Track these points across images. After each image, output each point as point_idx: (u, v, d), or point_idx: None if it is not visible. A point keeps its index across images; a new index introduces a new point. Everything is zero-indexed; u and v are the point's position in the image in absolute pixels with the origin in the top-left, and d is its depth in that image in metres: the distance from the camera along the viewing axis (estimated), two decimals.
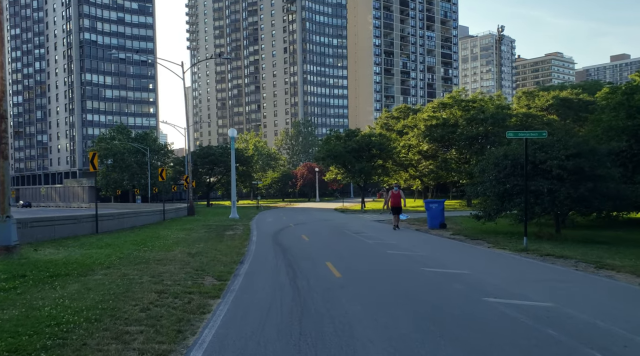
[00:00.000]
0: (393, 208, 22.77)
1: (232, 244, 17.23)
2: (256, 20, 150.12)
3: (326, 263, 12.49)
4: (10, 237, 12.35)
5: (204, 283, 9.82)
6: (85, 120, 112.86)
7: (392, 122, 62.04)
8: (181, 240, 18.38)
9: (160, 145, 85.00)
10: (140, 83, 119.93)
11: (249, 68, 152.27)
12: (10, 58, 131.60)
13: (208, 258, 13.45)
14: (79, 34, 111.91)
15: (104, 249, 14.52)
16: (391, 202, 22.71)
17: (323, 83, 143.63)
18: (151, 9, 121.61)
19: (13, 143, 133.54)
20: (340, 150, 47.64)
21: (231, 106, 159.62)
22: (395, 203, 22.71)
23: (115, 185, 79.96)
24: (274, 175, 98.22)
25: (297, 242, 18.22)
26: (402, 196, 22.87)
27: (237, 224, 28.72)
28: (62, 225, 17.79)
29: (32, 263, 11.26)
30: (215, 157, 73.04)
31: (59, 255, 12.69)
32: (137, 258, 13.01)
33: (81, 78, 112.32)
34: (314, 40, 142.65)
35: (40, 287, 8.73)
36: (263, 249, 16.04)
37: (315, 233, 22.40)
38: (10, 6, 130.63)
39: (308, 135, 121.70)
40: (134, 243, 16.38)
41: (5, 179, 12.43)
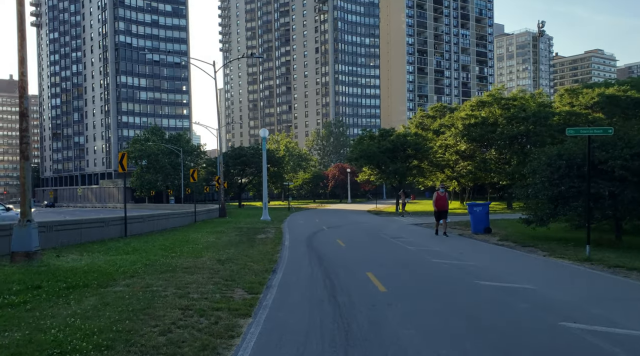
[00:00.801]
0: (438, 212, 20.56)
1: (263, 249, 16.26)
2: (288, 21, 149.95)
3: (367, 274, 11.33)
4: (30, 243, 11.64)
5: (233, 297, 8.81)
6: (120, 121, 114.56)
7: (428, 121, 60.29)
8: (211, 244, 17.52)
9: (193, 146, 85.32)
10: (174, 85, 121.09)
11: (280, 69, 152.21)
12: (48, 61, 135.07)
13: (238, 266, 12.48)
14: (114, 36, 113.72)
15: (130, 255, 13.73)
16: (436, 204, 20.47)
17: (355, 83, 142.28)
18: (184, 11, 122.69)
19: (51, 145, 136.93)
20: (374, 150, 46.32)
21: (262, 107, 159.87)
22: (441, 206, 20.47)
23: (150, 186, 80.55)
24: (305, 176, 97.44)
25: (332, 248, 17.11)
26: (448, 198, 20.95)
27: (268, 227, 27.83)
28: (88, 228, 17.16)
29: (51, 271, 10.48)
30: (246, 157, 72.67)
31: (81, 262, 11.92)
32: (164, 266, 12.13)
33: (116, 80, 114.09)
34: (345, 39, 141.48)
35: (54, 302, 7.86)
36: (297, 255, 15.00)
37: (350, 237, 21.25)
38: (49, 11, 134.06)
39: (339, 136, 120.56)
40: (162, 248, 15.58)
41: (26, 181, 11.73)
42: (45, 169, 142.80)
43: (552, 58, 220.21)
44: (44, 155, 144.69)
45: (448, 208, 20.67)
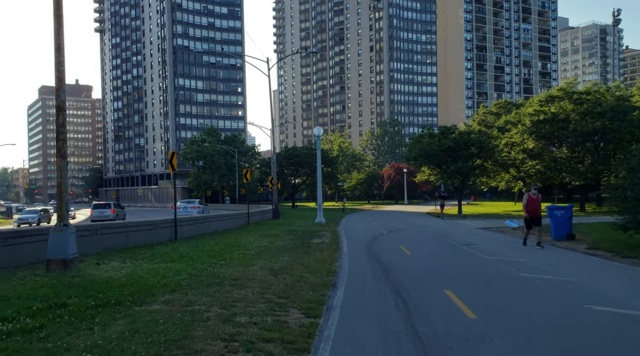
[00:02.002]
0: (531, 219, 16.92)
1: (320, 257, 14.67)
2: (342, 20, 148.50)
3: (446, 292, 9.51)
4: (67, 249, 10.57)
5: (287, 322, 7.26)
6: (178, 123, 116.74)
7: (491, 118, 57.00)
8: (263, 250, 16.12)
9: (248, 147, 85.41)
10: (229, 87, 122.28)
11: (334, 68, 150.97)
12: (111, 66, 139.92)
13: (293, 278, 10.94)
14: (173, 40, 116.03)
15: (176, 263, 12.49)
16: (528, 209, 16.88)
17: (410, 81, 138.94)
18: (240, 13, 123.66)
19: (114, 147, 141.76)
20: (435, 149, 43.90)
21: (316, 107, 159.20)
22: (534, 210, 16.81)
23: (206, 186, 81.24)
24: (359, 176, 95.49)
25: (397, 257, 15.30)
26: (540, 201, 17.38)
27: (323, 230, 26.30)
28: (136, 232, 16.19)
29: (85, 284, 9.32)
30: (300, 158, 71.71)
31: (120, 272, 10.74)
32: (211, 277, 10.77)
33: (174, 83, 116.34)
34: (401, 37, 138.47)
35: (75, 327, 6.56)
36: (358, 266, 13.32)
37: (415, 243, 19.35)
38: (111, 17, 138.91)
39: (395, 135, 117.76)
40: (210, 254, 14.31)
41: (63, 181, 10.67)
42: (108, 170, 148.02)
43: (621, 51, 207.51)
44: (107, 156, 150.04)
45: (540, 213, 17.14)
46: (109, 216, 39.06)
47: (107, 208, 40.96)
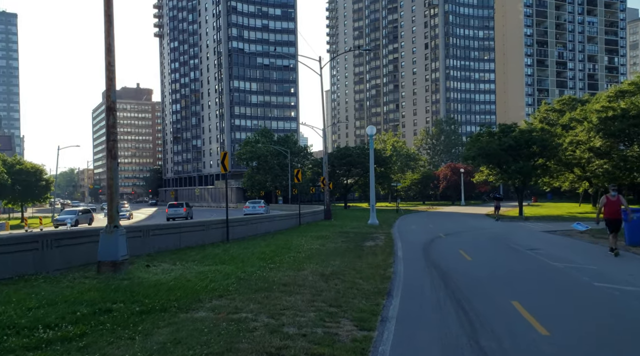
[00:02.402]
0: (610, 221, 15.18)
1: (373, 262, 14.02)
2: (396, 18, 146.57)
3: (512, 303, 8.67)
4: (117, 251, 10.48)
5: (339, 335, 6.71)
6: (233, 125, 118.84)
7: (554, 115, 54.20)
8: (314, 253, 15.65)
9: (300, 148, 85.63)
10: (282, 88, 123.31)
11: (387, 67, 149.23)
12: (169, 69, 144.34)
13: (345, 285, 10.38)
14: (228, 42, 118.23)
15: (226, 265, 12.21)
16: (608, 211, 15.23)
17: (467, 78, 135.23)
18: (293, 14, 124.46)
19: (172, 148, 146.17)
20: (495, 148, 42.11)
21: (369, 107, 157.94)
22: (613, 212, 15.13)
23: (259, 186, 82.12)
24: (413, 176, 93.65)
25: (457, 262, 14.42)
26: (622, 203, 15.42)
27: (377, 232, 25.57)
28: (189, 232, 16.12)
29: (132, 287, 9.13)
30: (352, 158, 71.05)
31: (170, 274, 10.54)
32: (260, 281, 10.38)
33: (229, 85, 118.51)
34: (457, 33, 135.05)
35: (117, 335, 6.28)
36: (414, 272, 12.58)
37: (476, 248, 18.32)
38: (169, 21, 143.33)
39: (451, 134, 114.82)
40: (261, 257, 13.97)
41: (114, 182, 10.58)
42: (167, 171, 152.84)
43: None
44: (166, 157, 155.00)
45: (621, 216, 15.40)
46: (182, 214, 44.86)
47: (180, 207, 46.92)
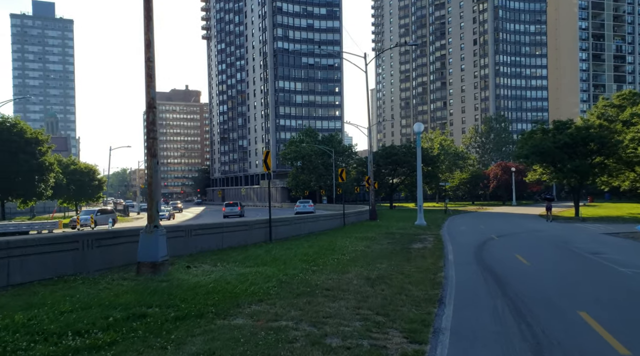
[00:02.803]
0: None
1: (422, 265, 13.25)
2: (443, 14, 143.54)
3: (580, 315, 7.77)
4: (157, 252, 10.18)
5: (387, 348, 6.08)
6: (278, 125, 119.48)
7: (612, 111, 51.18)
8: (359, 255, 15.00)
9: (345, 147, 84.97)
10: (327, 87, 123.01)
11: (434, 64, 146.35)
12: (217, 71, 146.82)
13: (392, 290, 9.70)
14: (273, 43, 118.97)
15: (268, 267, 11.76)
16: None
17: (518, 74, 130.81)
18: (338, 12, 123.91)
19: (219, 149, 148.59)
20: (549, 146, 40.11)
21: (415, 105, 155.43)
22: None
23: (304, 186, 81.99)
24: (462, 175, 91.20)
25: (513, 267, 13.44)
26: None
27: (425, 233, 24.62)
28: (231, 232, 15.81)
29: (171, 289, 8.79)
30: (398, 156, 69.74)
31: (209, 277, 10.17)
32: (302, 285, 9.85)
33: (275, 85, 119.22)
34: (507, 28, 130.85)
35: (148, 344, 5.88)
36: (467, 277, 11.73)
37: (532, 251, 17.18)
38: (217, 23, 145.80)
39: (501, 132, 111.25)
40: (303, 259, 13.45)
41: (153, 181, 10.30)
42: (215, 171, 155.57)
43: None
44: (214, 157, 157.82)
45: None
46: (237, 212, 50.74)
47: (235, 206, 53.57)
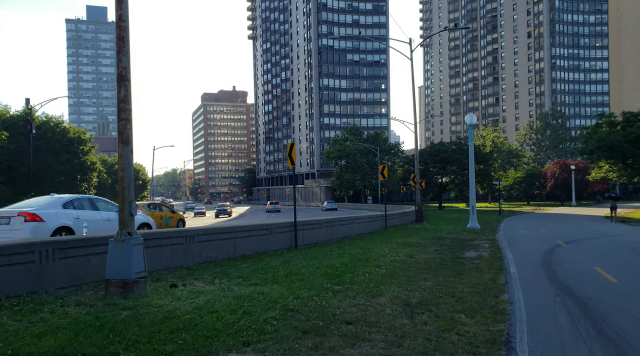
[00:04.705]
0: None
1: (478, 282, 10.39)
2: (495, 7, 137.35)
3: None
4: (129, 267, 7.87)
5: None
6: (322, 123, 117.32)
7: None
8: (399, 267, 12.27)
9: (391, 145, 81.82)
10: (373, 84, 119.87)
11: (486, 58, 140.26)
12: (262, 71, 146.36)
13: (439, 324, 7.01)
14: (318, 40, 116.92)
15: (276, 286, 9.27)
16: None
17: (576, 67, 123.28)
18: (385, 7, 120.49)
19: (265, 148, 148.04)
20: (618, 140, 35.93)
21: (465, 101, 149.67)
22: None
23: (348, 185, 79.48)
24: (516, 174, 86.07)
25: (597, 286, 10.38)
26: None
27: (479, 238, 21.54)
28: (246, 237, 13.44)
29: (129, 323, 6.44)
30: (447, 154, 65.96)
31: (194, 301, 7.74)
32: (315, 314, 7.29)
33: (319, 83, 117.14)
34: (564, 19, 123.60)
35: None
36: (540, 301, 8.85)
37: (613, 262, 13.93)
38: (262, 23, 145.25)
39: (558, 128, 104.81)
40: (326, 273, 10.86)
41: (126, 175, 8.00)
42: (260, 170, 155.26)
43: None
44: (259, 157, 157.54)
45: None
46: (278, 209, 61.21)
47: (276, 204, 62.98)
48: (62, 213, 12.73)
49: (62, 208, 12.96)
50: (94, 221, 13.36)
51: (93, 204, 14.09)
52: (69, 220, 12.75)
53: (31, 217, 12.05)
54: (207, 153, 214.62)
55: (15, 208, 12.62)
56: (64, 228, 12.50)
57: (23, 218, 11.96)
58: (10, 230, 11.82)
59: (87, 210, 13.69)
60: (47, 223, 12.19)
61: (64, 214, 12.77)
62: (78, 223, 12.94)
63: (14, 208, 12.76)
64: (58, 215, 12.58)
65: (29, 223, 11.95)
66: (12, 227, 11.96)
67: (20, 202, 14.18)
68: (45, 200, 13.38)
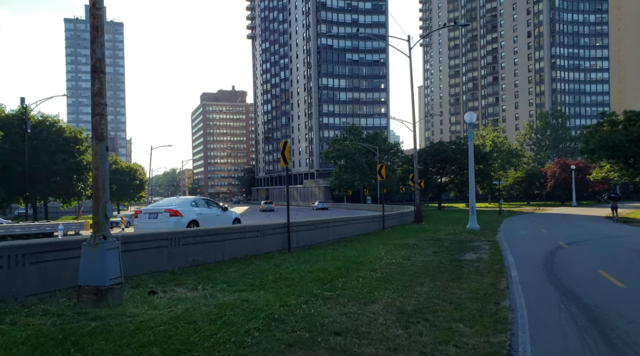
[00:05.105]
0: None
1: (478, 287, 9.86)
2: (495, 6, 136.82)
3: None
4: (104, 273, 7.34)
5: None
6: (322, 123, 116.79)
7: None
8: (395, 271, 11.73)
9: (390, 145, 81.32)
10: (372, 83, 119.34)
11: (485, 58, 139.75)
12: (261, 70, 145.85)
13: (436, 334, 6.50)
14: (317, 40, 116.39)
15: (263, 292, 8.74)
16: None
17: (576, 67, 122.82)
18: (384, 7, 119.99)
19: (264, 148, 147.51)
20: (620, 139, 35.40)
21: (465, 101, 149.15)
22: None
23: (347, 185, 78.97)
24: (516, 174, 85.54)
25: (603, 291, 9.86)
26: None
27: (478, 239, 21.00)
28: (236, 240, 12.89)
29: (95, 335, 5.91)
30: (447, 154, 65.41)
31: (172, 309, 7.21)
32: (300, 324, 6.77)
33: (318, 83, 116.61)
34: (564, 19, 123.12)
35: None
36: (543, 308, 8.32)
37: (618, 265, 13.41)
38: (261, 22, 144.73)
39: (558, 128, 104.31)
40: (318, 277, 10.32)
41: (100, 173, 7.48)
42: (259, 170, 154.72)
43: None
44: (258, 157, 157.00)
45: None
46: (272, 208, 66.35)
47: (270, 204, 68.64)
48: (192, 210, 16.51)
49: (190, 206, 16.77)
50: (209, 215, 16.85)
51: (207, 203, 17.87)
52: (195, 215, 16.29)
53: (174, 212, 15.97)
54: (206, 153, 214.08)
55: (159, 207, 16.69)
56: (193, 221, 16.02)
57: (168, 213, 15.93)
58: (159, 223, 15.71)
59: (204, 207, 17.18)
60: (184, 217, 15.91)
61: (193, 211, 16.51)
62: (201, 218, 16.36)
63: (158, 207, 16.85)
64: (190, 211, 16.37)
65: (173, 217, 15.81)
66: (159, 220, 15.85)
67: (159, 202, 18.83)
68: (177, 200, 17.50)
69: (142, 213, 16.59)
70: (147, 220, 16.16)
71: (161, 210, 16.05)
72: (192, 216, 16.00)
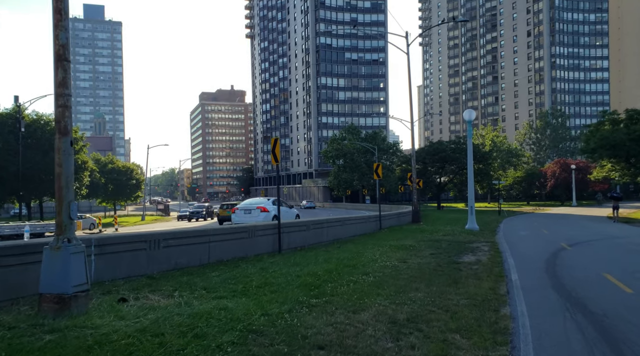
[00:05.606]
0: None
1: (476, 293, 9.24)
2: (494, 5, 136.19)
3: None
4: (67, 279, 6.70)
5: None
6: (320, 122, 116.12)
7: None
8: (389, 274, 11.10)
9: (389, 144, 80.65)
10: (371, 83, 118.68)
11: (485, 57, 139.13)
12: (260, 70, 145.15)
13: (429, 348, 5.91)
14: (316, 39, 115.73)
15: (244, 299, 8.11)
16: None
17: (576, 66, 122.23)
18: (383, 5, 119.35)
19: (262, 148, 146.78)
20: (621, 138, 34.78)
21: (465, 100, 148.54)
22: None
23: (346, 185, 78.31)
24: (516, 174, 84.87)
25: (609, 297, 9.23)
26: None
27: (477, 240, 20.39)
28: (222, 242, 12.24)
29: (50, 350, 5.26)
30: (446, 153, 64.76)
31: (141, 321, 6.57)
32: (280, 337, 6.14)
33: (317, 82, 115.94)
34: (564, 18, 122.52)
35: None
36: (547, 317, 7.69)
37: (623, 268, 12.79)
38: (260, 21, 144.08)
39: (558, 127, 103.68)
40: (306, 282, 9.68)
41: (64, 171, 6.84)
42: (258, 170, 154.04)
43: None
44: (257, 157, 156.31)
45: None
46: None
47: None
48: (273, 207, 19.92)
49: (271, 204, 20.54)
50: (282, 211, 18.22)
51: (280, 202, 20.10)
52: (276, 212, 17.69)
53: (264, 209, 20.45)
54: (205, 153, 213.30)
55: (251, 205, 21.36)
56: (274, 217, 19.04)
57: (259, 210, 20.35)
58: (252, 217, 19.97)
59: None
60: (270, 213, 20.13)
61: (274, 208, 19.59)
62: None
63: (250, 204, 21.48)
64: (272, 208, 20.04)
65: (263, 213, 20.16)
66: (252, 215, 20.25)
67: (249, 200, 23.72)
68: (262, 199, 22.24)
69: (238, 210, 21.12)
70: (243, 215, 20.53)
71: (253, 207, 20.53)
72: (274, 213, 19.11)
